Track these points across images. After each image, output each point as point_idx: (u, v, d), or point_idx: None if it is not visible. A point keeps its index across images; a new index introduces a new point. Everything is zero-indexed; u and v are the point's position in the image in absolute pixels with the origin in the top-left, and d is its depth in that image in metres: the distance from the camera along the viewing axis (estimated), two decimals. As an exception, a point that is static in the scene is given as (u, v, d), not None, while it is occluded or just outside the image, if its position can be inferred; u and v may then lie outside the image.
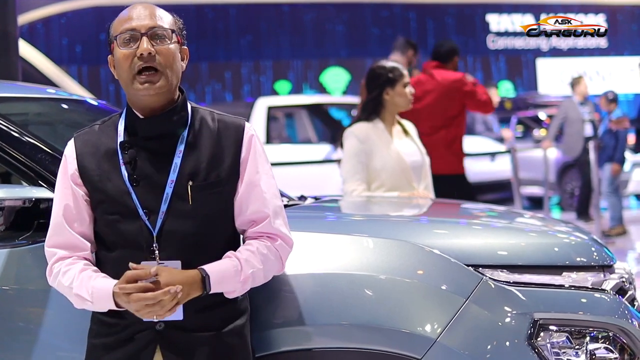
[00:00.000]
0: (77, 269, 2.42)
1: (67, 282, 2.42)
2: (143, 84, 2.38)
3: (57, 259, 2.46)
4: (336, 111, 12.42)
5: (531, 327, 2.64)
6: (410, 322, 2.60)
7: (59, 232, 2.47)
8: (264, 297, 2.63)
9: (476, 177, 10.41)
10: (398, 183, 4.43)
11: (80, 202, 2.46)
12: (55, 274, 2.45)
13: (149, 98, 2.41)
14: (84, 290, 2.38)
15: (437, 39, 21.79)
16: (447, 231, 2.99)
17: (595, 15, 22.28)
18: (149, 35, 2.39)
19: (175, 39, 2.44)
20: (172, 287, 2.27)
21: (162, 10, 2.48)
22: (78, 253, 2.46)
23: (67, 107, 3.66)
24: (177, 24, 2.49)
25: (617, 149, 10.27)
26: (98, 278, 2.39)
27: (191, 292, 2.34)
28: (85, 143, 2.49)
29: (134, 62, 2.38)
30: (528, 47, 22.22)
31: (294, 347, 2.64)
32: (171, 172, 2.42)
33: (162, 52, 2.40)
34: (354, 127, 4.53)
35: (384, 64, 4.66)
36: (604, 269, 2.91)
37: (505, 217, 3.49)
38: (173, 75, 2.42)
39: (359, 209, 3.77)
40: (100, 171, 2.45)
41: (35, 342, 2.71)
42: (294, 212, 3.24)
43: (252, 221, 2.50)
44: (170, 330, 2.40)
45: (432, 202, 4.00)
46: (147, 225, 2.40)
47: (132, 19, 2.41)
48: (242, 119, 2.56)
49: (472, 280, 2.67)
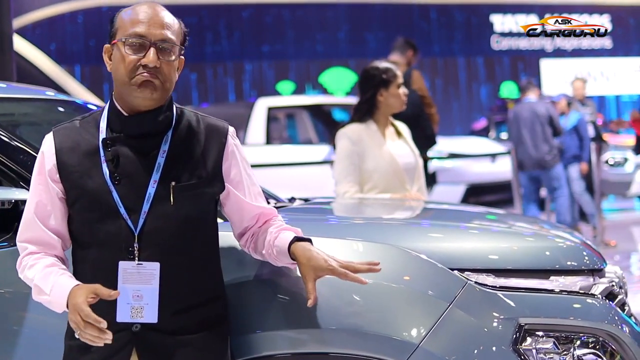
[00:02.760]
0: (45, 263, 2.42)
1: (31, 275, 2.41)
2: (140, 88, 2.37)
3: (27, 253, 2.46)
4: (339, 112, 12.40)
5: (516, 332, 2.61)
6: (393, 327, 2.57)
7: (30, 227, 2.46)
8: (246, 301, 2.61)
9: (477, 178, 10.40)
10: (391, 185, 4.39)
11: (54, 199, 2.44)
12: (23, 266, 2.46)
13: (142, 102, 2.40)
14: (45, 283, 2.37)
15: (442, 39, 21.82)
16: (432, 235, 2.97)
17: (600, 15, 22.24)
18: (157, 47, 2.38)
19: (178, 53, 2.44)
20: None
21: (171, 16, 2.46)
22: (48, 250, 2.45)
23: (54, 107, 3.65)
24: (183, 33, 2.48)
25: (583, 148, 10.21)
26: (63, 276, 2.38)
27: None
28: (65, 138, 2.45)
29: (137, 68, 2.37)
30: (532, 48, 22.19)
31: (275, 352, 2.61)
32: (154, 172, 2.40)
33: (165, 66, 2.39)
34: (346, 129, 4.50)
35: (378, 65, 4.61)
36: (593, 273, 2.87)
37: (494, 220, 3.45)
38: (169, 87, 2.42)
39: (345, 211, 3.74)
40: (81, 167, 2.42)
41: (15, 344, 2.70)
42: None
43: (255, 216, 2.57)
44: (146, 332, 2.38)
45: (421, 204, 3.97)
46: (129, 224, 2.38)
47: (143, 23, 2.39)
48: (226, 122, 2.56)
49: (456, 285, 2.64)
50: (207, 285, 2.49)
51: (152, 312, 2.35)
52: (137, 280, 2.36)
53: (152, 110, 2.42)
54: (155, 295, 2.37)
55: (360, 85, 4.63)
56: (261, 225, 2.58)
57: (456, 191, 10.03)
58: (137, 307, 2.36)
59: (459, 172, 10.23)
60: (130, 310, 2.36)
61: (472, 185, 10.28)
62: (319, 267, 2.42)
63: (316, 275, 2.42)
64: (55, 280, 2.37)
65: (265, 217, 2.58)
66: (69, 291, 2.31)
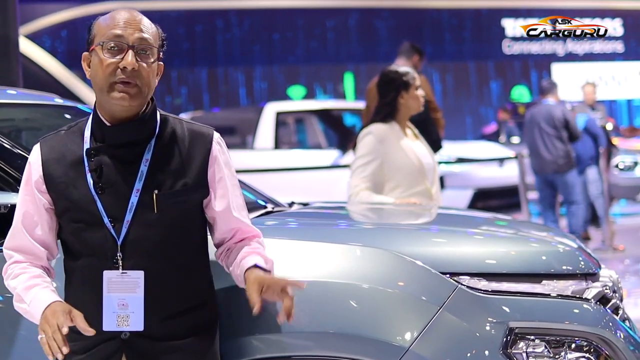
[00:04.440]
0: (31, 273, 2.44)
1: (15, 284, 2.44)
2: (120, 94, 2.36)
3: (13, 262, 2.48)
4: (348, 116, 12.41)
5: (507, 335, 2.62)
6: (382, 330, 2.57)
7: (17, 237, 2.48)
8: (236, 305, 2.62)
9: (484, 183, 10.38)
10: (414, 183, 4.50)
11: (41, 210, 2.45)
12: (8, 275, 2.47)
13: (121, 108, 2.39)
14: (26, 294, 2.40)
15: (453, 44, 21.80)
16: (424, 238, 2.97)
17: (612, 20, 22.16)
18: (135, 49, 2.37)
19: (156, 56, 2.43)
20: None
21: (148, 21, 2.46)
22: (34, 260, 2.47)
23: (56, 113, 3.67)
24: (161, 38, 2.47)
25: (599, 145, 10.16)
26: (46, 289, 2.40)
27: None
28: (51, 149, 2.47)
29: (115, 72, 2.36)
30: (544, 52, 22.13)
31: (266, 355, 2.62)
32: (137, 181, 2.40)
33: (144, 69, 2.38)
34: (371, 127, 4.59)
35: (397, 68, 4.75)
36: (587, 277, 2.87)
37: (489, 225, 3.46)
38: (149, 91, 2.41)
39: (339, 216, 3.74)
40: (66, 178, 2.43)
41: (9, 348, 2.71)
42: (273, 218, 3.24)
43: (232, 229, 2.52)
44: (135, 339, 2.39)
45: (419, 209, 3.98)
46: (112, 233, 2.39)
47: (121, 26, 2.38)
48: (211, 128, 2.55)
49: (446, 288, 2.65)
50: (195, 291, 2.49)
51: (138, 320, 2.37)
52: (121, 289, 2.38)
53: (135, 120, 2.41)
54: (140, 303, 2.38)
55: (379, 88, 4.72)
56: (237, 242, 2.54)
57: (464, 196, 10.01)
58: (122, 316, 2.38)
59: (467, 177, 10.20)
60: (116, 319, 2.38)
61: (479, 189, 10.26)
62: (262, 280, 2.39)
63: (259, 285, 2.37)
64: (36, 293, 2.39)
65: (243, 234, 2.54)
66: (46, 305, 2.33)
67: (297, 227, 3.19)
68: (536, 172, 9.51)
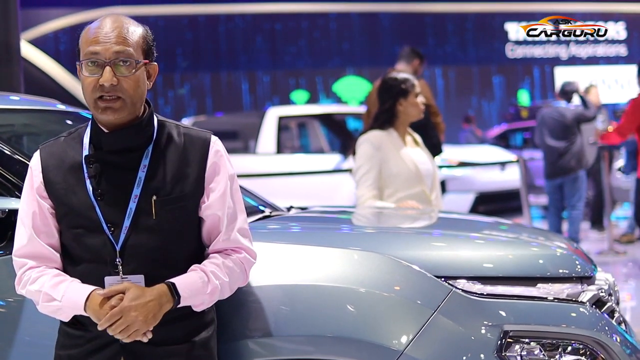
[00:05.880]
0: (52, 273, 2.43)
1: (38, 286, 2.42)
2: (104, 110, 2.37)
3: (28, 268, 2.46)
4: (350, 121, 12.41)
5: (501, 338, 2.63)
6: (377, 334, 2.59)
7: (29, 243, 2.47)
8: (232, 309, 2.63)
9: (486, 186, 10.37)
10: (412, 189, 4.51)
11: (46, 215, 2.47)
12: (25, 281, 2.46)
13: (108, 123, 2.41)
14: (55, 290, 2.39)
15: (456, 48, 21.81)
16: (419, 242, 2.99)
17: (615, 23, 22.16)
18: (112, 64, 2.36)
19: (141, 63, 2.41)
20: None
21: (133, 26, 2.43)
22: (48, 264, 2.46)
23: (58, 119, 3.69)
24: (147, 40, 2.45)
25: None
26: (75, 282, 2.40)
27: (163, 305, 2.35)
28: (50, 155, 2.48)
29: (97, 88, 2.36)
30: (547, 56, 22.13)
31: (263, 358, 2.64)
32: (135, 187, 2.42)
33: (125, 81, 2.37)
34: (368, 134, 4.61)
35: (396, 75, 4.75)
36: (582, 281, 2.88)
37: (486, 229, 3.47)
38: (136, 100, 2.41)
39: (336, 220, 3.76)
40: (66, 184, 2.45)
41: (9, 352, 2.72)
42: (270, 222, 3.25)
43: (217, 236, 2.50)
44: (134, 343, 2.39)
45: (417, 213, 3.99)
46: (111, 239, 2.41)
47: (98, 41, 2.37)
48: (209, 132, 2.55)
49: (441, 292, 2.66)
50: None
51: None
52: None
53: (131, 126, 2.43)
54: None
55: (379, 95, 4.74)
56: (218, 251, 2.50)
57: (465, 200, 10.01)
58: None
59: (468, 181, 10.20)
60: None
61: (481, 193, 10.25)
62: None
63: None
64: (67, 286, 2.39)
65: (220, 245, 2.49)
66: (84, 298, 2.34)
67: (294, 231, 3.21)
68: (547, 177, 9.50)
